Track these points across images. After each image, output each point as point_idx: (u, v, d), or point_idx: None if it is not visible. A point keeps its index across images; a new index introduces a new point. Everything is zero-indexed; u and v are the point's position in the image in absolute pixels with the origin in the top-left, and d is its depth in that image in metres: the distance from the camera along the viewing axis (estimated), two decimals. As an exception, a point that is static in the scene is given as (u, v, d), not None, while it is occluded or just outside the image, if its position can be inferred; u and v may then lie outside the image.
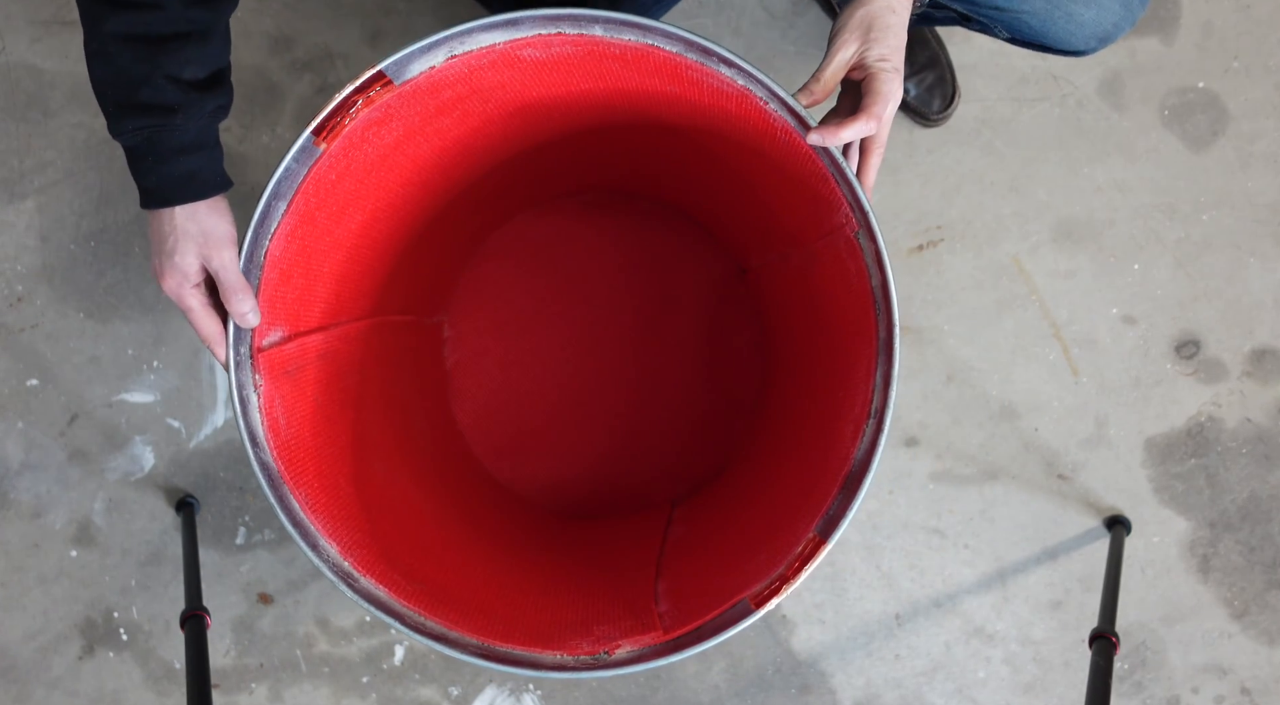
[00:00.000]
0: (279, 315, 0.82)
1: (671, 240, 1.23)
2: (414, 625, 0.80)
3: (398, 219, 0.96)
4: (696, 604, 0.83)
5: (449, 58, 0.77)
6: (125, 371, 1.25)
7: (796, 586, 0.80)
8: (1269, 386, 1.26)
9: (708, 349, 1.24)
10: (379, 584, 0.82)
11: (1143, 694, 1.28)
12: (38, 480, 1.26)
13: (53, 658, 1.27)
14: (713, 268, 1.23)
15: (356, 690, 1.27)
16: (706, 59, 0.76)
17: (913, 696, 1.28)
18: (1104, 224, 1.25)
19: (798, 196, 0.87)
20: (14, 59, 1.24)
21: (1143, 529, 1.26)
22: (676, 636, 0.81)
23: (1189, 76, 1.24)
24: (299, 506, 0.81)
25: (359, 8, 1.24)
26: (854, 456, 0.81)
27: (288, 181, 0.77)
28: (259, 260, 0.79)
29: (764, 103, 0.77)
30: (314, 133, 0.76)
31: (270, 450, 0.80)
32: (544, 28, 0.76)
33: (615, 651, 0.81)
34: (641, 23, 0.75)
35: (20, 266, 1.25)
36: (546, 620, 0.86)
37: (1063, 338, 1.26)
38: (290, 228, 0.79)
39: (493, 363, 1.23)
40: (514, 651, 0.81)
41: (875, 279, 0.79)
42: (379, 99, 0.76)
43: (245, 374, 0.80)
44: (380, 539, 0.86)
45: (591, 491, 1.24)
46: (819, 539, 0.80)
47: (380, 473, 0.95)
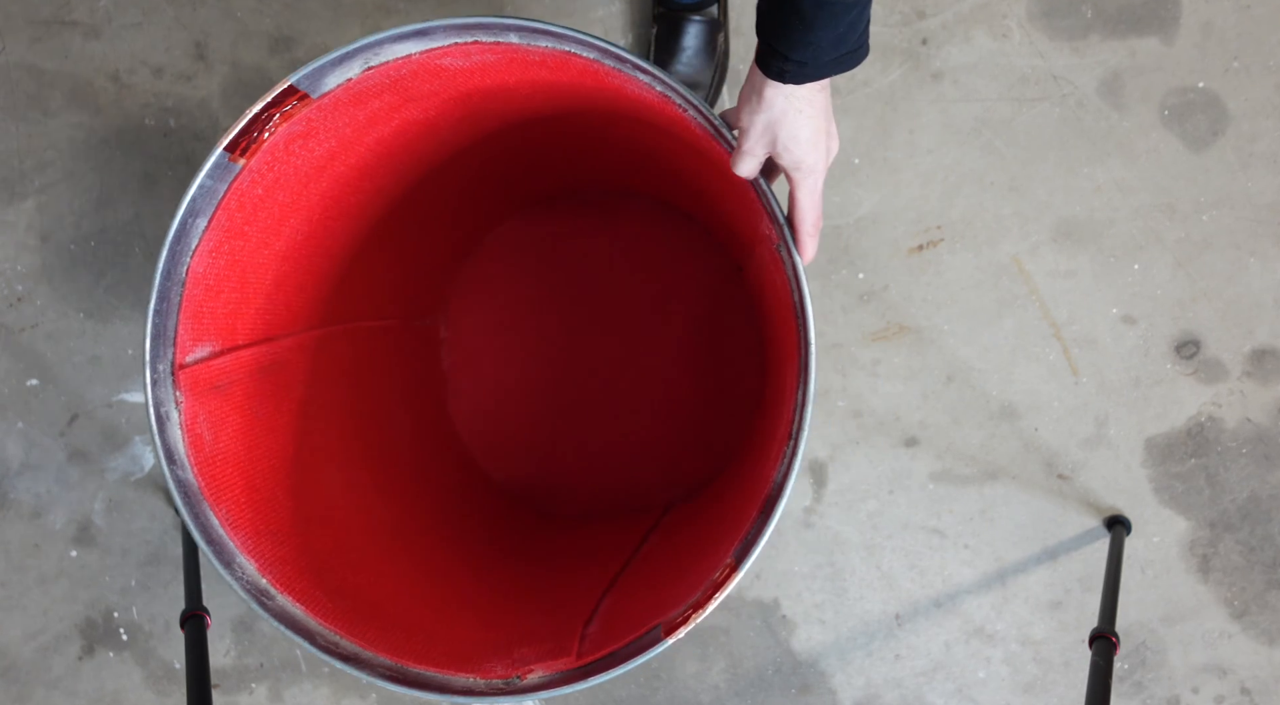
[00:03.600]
0: (207, 331, 0.81)
1: (669, 237, 1.23)
2: (325, 645, 0.79)
3: (349, 228, 0.95)
4: (619, 628, 0.82)
5: (365, 69, 0.76)
6: (125, 371, 1.25)
7: (706, 614, 0.76)
8: (1269, 386, 1.26)
9: (707, 348, 1.24)
10: (296, 602, 0.81)
11: (1143, 694, 1.28)
12: (38, 480, 1.26)
13: (53, 658, 1.27)
14: (710, 265, 1.23)
15: (356, 690, 1.27)
16: (622, 66, 0.74)
17: (913, 696, 1.28)
18: (1104, 224, 1.25)
19: (736, 202, 0.85)
20: (14, 59, 1.24)
21: (1143, 529, 1.26)
22: (588, 662, 0.79)
23: (1189, 76, 1.24)
24: (218, 523, 0.80)
25: (359, 8, 1.24)
26: (774, 479, 0.78)
27: (205, 198, 0.76)
28: (180, 277, 0.77)
29: (682, 110, 0.75)
30: (227, 149, 0.74)
31: (191, 467, 0.79)
32: (458, 36, 0.74)
33: (527, 676, 0.80)
34: (555, 30, 0.73)
35: (20, 266, 1.25)
36: (473, 640, 0.85)
37: (1063, 338, 1.26)
38: (214, 243, 0.78)
39: (487, 363, 1.23)
40: (425, 674, 0.80)
41: (796, 294, 0.76)
42: (298, 113, 0.75)
43: (164, 391, 0.78)
44: (312, 554, 0.85)
45: (587, 493, 1.24)
46: (733, 565, 0.76)
47: (332, 483, 0.94)
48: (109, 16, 1.24)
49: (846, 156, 1.25)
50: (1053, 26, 1.23)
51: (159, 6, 1.24)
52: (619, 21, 1.25)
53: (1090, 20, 1.23)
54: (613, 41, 0.73)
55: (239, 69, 1.24)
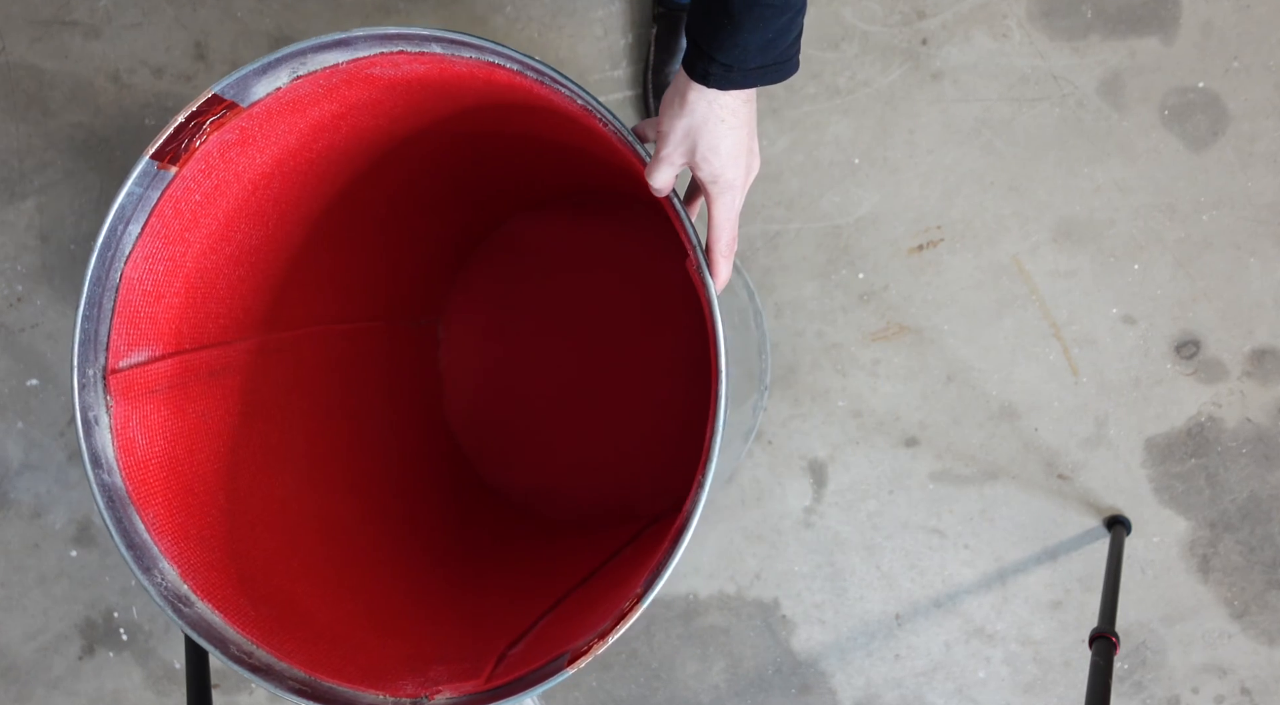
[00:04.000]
0: (144, 336, 0.81)
1: (666, 242, 1.23)
2: (237, 655, 0.78)
3: (314, 231, 0.94)
4: (535, 653, 0.81)
5: (294, 78, 0.75)
6: (125, 371, 1.25)
7: (607, 646, 0.75)
8: (1269, 386, 1.26)
9: (699, 360, 1.23)
10: (215, 609, 0.80)
11: (1143, 694, 1.28)
12: (38, 480, 1.26)
13: (53, 658, 1.27)
14: None
15: (356, 690, 1.27)
16: (542, 78, 0.74)
17: (913, 696, 1.28)
18: (1104, 224, 1.25)
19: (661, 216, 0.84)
20: (14, 59, 1.24)
21: (1143, 529, 1.26)
22: (494, 687, 0.78)
23: (1189, 76, 1.24)
24: (143, 527, 0.79)
25: (359, 8, 1.24)
26: (687, 509, 0.76)
27: (134, 205, 0.76)
28: (113, 283, 0.77)
29: (603, 124, 0.74)
30: (154, 157, 0.74)
31: (119, 471, 0.79)
32: (382, 46, 0.74)
33: (435, 697, 0.79)
34: (475, 42, 0.73)
35: (20, 266, 1.25)
36: (393, 655, 0.84)
37: (1063, 338, 1.26)
38: (150, 249, 0.78)
39: (484, 366, 1.23)
40: (335, 688, 0.79)
41: (710, 319, 0.75)
42: (229, 121, 0.75)
43: (92, 395, 0.78)
44: (241, 561, 0.84)
45: (575, 499, 1.23)
46: (638, 597, 0.75)
47: (279, 488, 0.93)
48: (109, 16, 1.24)
49: (847, 156, 1.25)
50: (1053, 26, 1.23)
51: (159, 6, 1.24)
52: (619, 21, 1.25)
53: (1090, 20, 1.23)
54: (531, 55, 0.73)
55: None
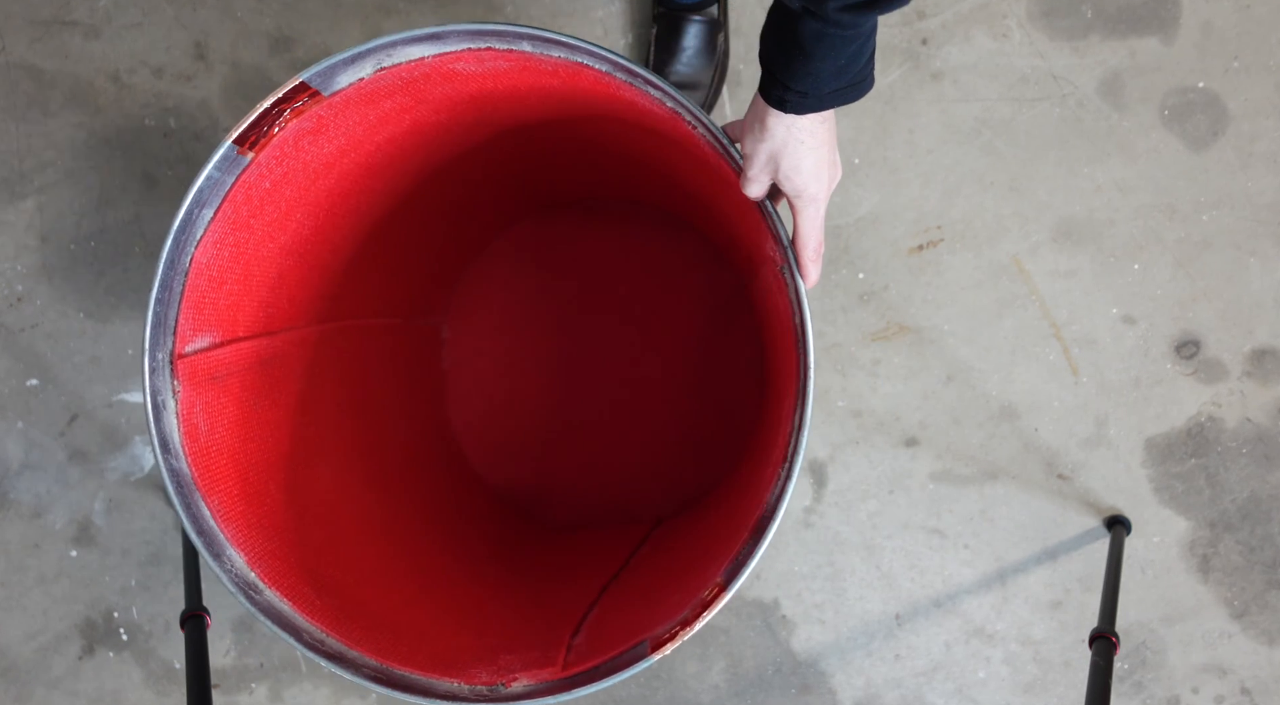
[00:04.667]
0: (207, 322, 0.81)
1: (676, 249, 1.23)
2: (311, 642, 0.79)
3: (358, 225, 0.95)
4: (606, 641, 0.81)
5: (378, 69, 0.76)
6: (125, 371, 1.25)
7: (692, 633, 0.76)
8: (1269, 386, 1.26)
9: (708, 362, 1.23)
10: (284, 597, 0.80)
11: (1143, 694, 1.28)
12: (38, 480, 1.26)
13: (53, 658, 1.27)
14: (715, 279, 1.23)
15: (356, 690, 1.27)
16: (633, 79, 0.74)
17: (913, 696, 1.28)
18: (1104, 224, 1.25)
19: (741, 221, 0.85)
20: (14, 59, 1.24)
21: (1143, 529, 1.26)
22: (572, 675, 0.79)
23: (1189, 76, 1.24)
24: (209, 514, 0.80)
25: (359, 8, 1.24)
26: (767, 502, 0.78)
27: (212, 189, 0.76)
28: (183, 267, 0.78)
29: (691, 126, 0.75)
30: (236, 142, 0.75)
31: (185, 457, 0.79)
32: (471, 42, 0.74)
33: (511, 685, 0.79)
34: (568, 41, 0.73)
35: (20, 266, 1.25)
36: (460, 645, 0.85)
37: (1063, 338, 1.26)
38: (219, 234, 0.78)
39: (488, 366, 1.23)
40: (409, 676, 0.79)
41: (797, 316, 0.76)
42: (308, 109, 0.76)
43: (161, 380, 0.78)
44: (304, 549, 0.85)
45: (579, 501, 1.23)
46: (721, 586, 0.77)
47: (328, 480, 0.94)
48: (109, 16, 1.24)
49: (847, 157, 1.25)
50: (1053, 26, 1.23)
51: (159, 6, 1.24)
52: (619, 21, 1.25)
53: (1090, 20, 1.23)
54: (625, 55, 0.73)
55: (239, 69, 1.24)
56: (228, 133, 0.74)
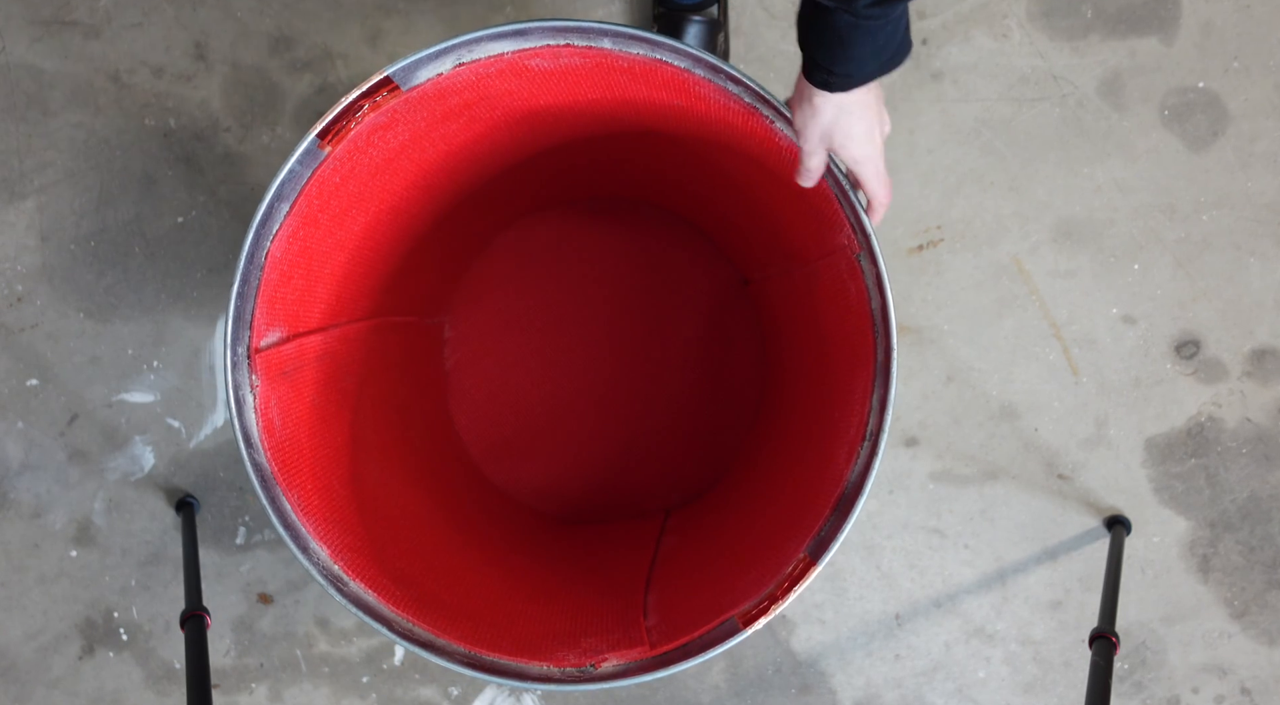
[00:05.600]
0: (278, 316, 0.82)
1: (676, 248, 1.23)
2: (402, 631, 0.80)
3: (402, 221, 0.96)
4: (685, 620, 0.83)
5: (457, 65, 0.77)
6: (125, 371, 1.25)
7: (785, 606, 0.79)
8: (1269, 386, 1.26)
9: (709, 359, 1.24)
10: (368, 588, 0.81)
11: (1143, 694, 1.28)
12: (38, 480, 1.26)
13: (53, 658, 1.27)
14: (716, 277, 1.23)
15: (356, 690, 1.27)
16: (714, 76, 0.76)
17: (913, 696, 1.28)
18: (1104, 224, 1.25)
19: (801, 213, 0.87)
20: (14, 59, 1.24)
21: (1143, 529, 1.26)
22: (664, 651, 0.80)
23: (1189, 76, 1.24)
24: (291, 508, 0.81)
25: (359, 8, 1.24)
26: (847, 478, 0.81)
27: (291, 183, 0.77)
28: (259, 261, 0.79)
29: (770, 122, 0.77)
30: (319, 136, 0.76)
31: (264, 451, 0.80)
32: (552, 39, 0.76)
33: (602, 665, 0.81)
34: (650, 38, 0.75)
35: (20, 266, 1.25)
36: (535, 631, 0.86)
37: (1063, 338, 1.26)
38: (293, 229, 0.79)
39: (493, 364, 1.23)
40: (500, 661, 0.80)
41: (875, 302, 0.79)
42: (385, 104, 0.77)
43: (242, 374, 0.79)
44: (372, 542, 0.86)
45: (586, 497, 1.24)
46: (809, 560, 0.80)
47: (374, 474, 0.95)
48: (109, 16, 1.24)
49: (846, 156, 1.25)
50: (1053, 26, 1.23)
51: (159, 6, 1.24)
52: (619, 21, 1.25)
53: (1090, 20, 1.23)
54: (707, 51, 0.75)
55: (239, 69, 1.24)
56: (311, 126, 0.75)
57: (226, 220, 1.25)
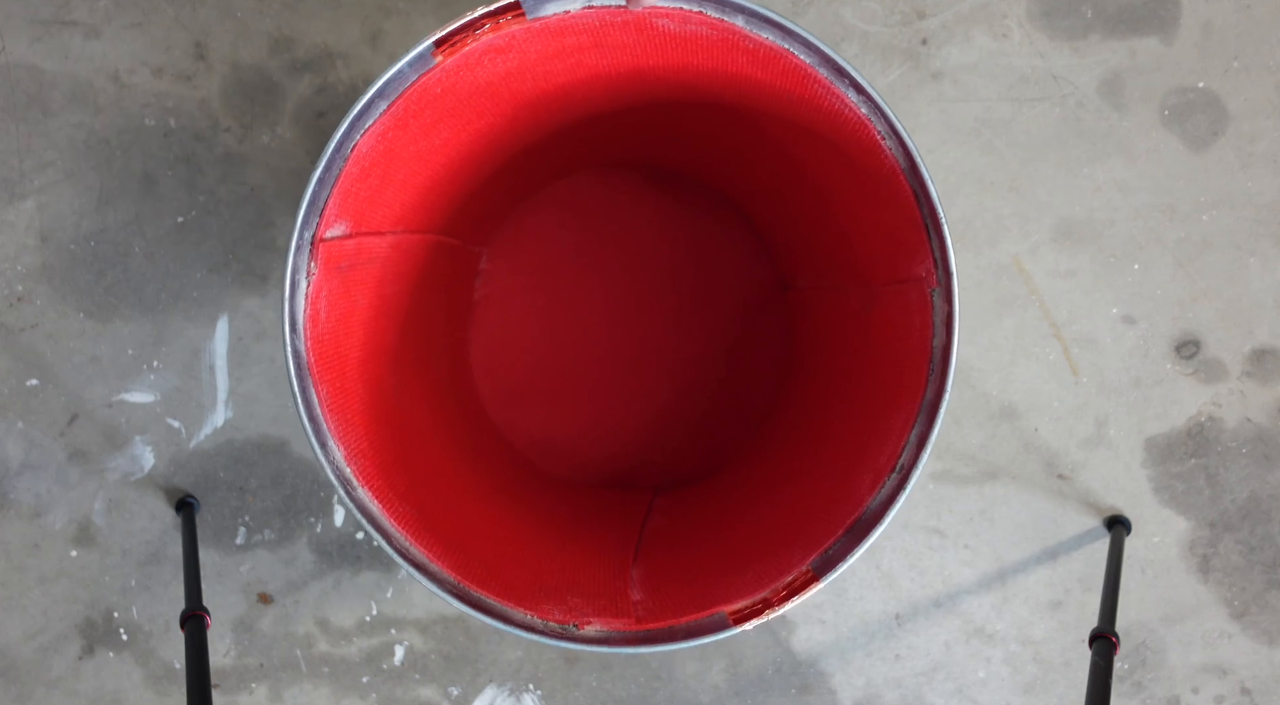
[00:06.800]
0: (348, 210, 0.82)
1: (725, 237, 1.23)
2: (399, 548, 0.80)
3: (480, 146, 0.96)
4: (672, 603, 0.83)
5: (585, 7, 0.77)
6: (125, 371, 1.25)
7: (778, 614, 0.79)
8: (1269, 386, 1.26)
9: (730, 352, 1.24)
10: (374, 498, 0.82)
11: (1143, 694, 1.28)
12: (38, 480, 1.26)
13: (53, 658, 1.27)
14: (757, 275, 1.23)
15: (356, 690, 1.27)
16: (837, 78, 0.76)
17: (913, 696, 1.28)
18: (1104, 224, 1.25)
19: (880, 235, 0.86)
20: (14, 59, 1.24)
21: (1143, 529, 1.27)
22: (648, 629, 0.80)
23: (1189, 76, 1.24)
24: (317, 401, 0.81)
25: (359, 8, 1.24)
26: (867, 504, 0.81)
27: (396, 83, 0.77)
28: (345, 152, 0.79)
29: (880, 137, 0.77)
30: (435, 43, 0.76)
31: (305, 340, 0.80)
32: (688, 2, 0.76)
33: (584, 627, 0.81)
34: (786, 25, 0.75)
35: (20, 266, 1.25)
36: (524, 578, 0.86)
37: (1063, 338, 1.26)
38: (384, 128, 0.80)
39: (520, 305, 1.23)
40: (486, 600, 0.80)
41: (939, 339, 0.79)
42: (506, 28, 0.76)
43: (302, 258, 0.80)
44: (380, 451, 0.86)
45: (581, 459, 1.24)
46: (812, 575, 0.80)
47: (394, 386, 0.95)
48: (109, 16, 1.24)
49: (846, 156, 1.25)
50: (1053, 26, 1.24)
51: (159, 6, 1.24)
52: (619, 21, 1.25)
53: (1090, 20, 1.23)
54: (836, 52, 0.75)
55: (239, 69, 1.24)
56: (430, 33, 0.76)
57: (226, 220, 1.25)
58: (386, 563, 1.27)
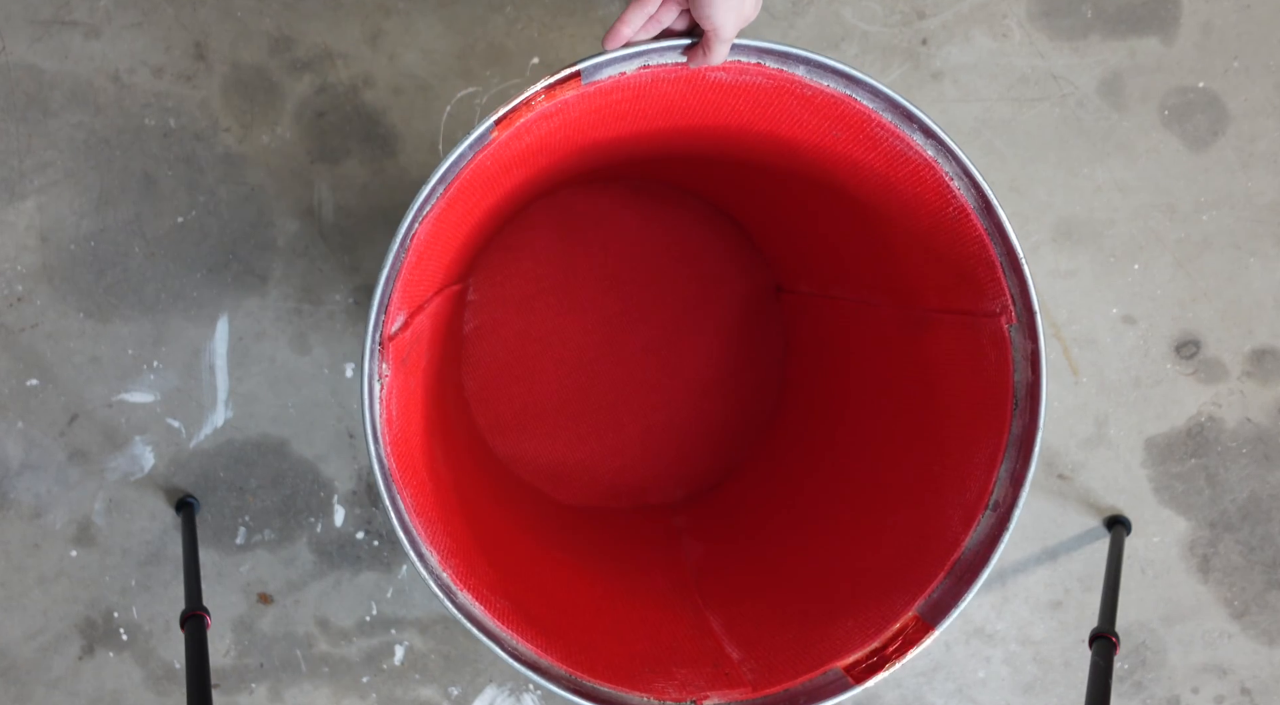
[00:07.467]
0: (405, 299, 0.78)
1: (716, 244, 1.22)
2: (512, 651, 0.75)
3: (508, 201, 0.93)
4: (777, 661, 0.79)
5: (641, 68, 0.75)
6: (125, 371, 1.25)
7: (897, 667, 0.75)
8: (1269, 386, 1.26)
9: (727, 356, 1.23)
10: (475, 600, 0.76)
11: (1143, 694, 1.28)
12: (38, 480, 1.26)
13: (53, 658, 1.27)
14: (750, 280, 1.22)
15: (356, 690, 1.27)
16: (904, 123, 0.75)
17: (913, 696, 1.28)
18: (1104, 224, 1.25)
19: (936, 266, 0.85)
20: (14, 59, 1.24)
21: (1143, 529, 1.26)
22: (767, 695, 0.77)
23: (1189, 76, 1.24)
24: (405, 510, 0.75)
25: (359, 8, 1.24)
26: (965, 544, 0.79)
27: (455, 166, 0.75)
28: (406, 244, 0.75)
29: (949, 179, 0.76)
30: (496, 122, 0.73)
31: (385, 446, 0.75)
32: (747, 56, 0.75)
33: (703, 703, 0.77)
34: (851, 73, 0.74)
35: (20, 266, 1.25)
36: (624, 652, 0.81)
37: (1063, 338, 1.26)
38: (439, 211, 0.77)
39: (510, 333, 1.21)
40: (600, 688, 0.76)
41: (1022, 375, 0.78)
42: (560, 95, 0.74)
43: (374, 362, 0.75)
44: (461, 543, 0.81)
45: (590, 482, 1.23)
46: (925, 625, 0.77)
47: (442, 462, 0.91)
48: (109, 16, 1.24)
49: (846, 156, 1.25)
50: (1053, 26, 1.23)
51: (159, 6, 1.24)
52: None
53: (1090, 20, 1.23)
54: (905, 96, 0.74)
55: (239, 69, 1.24)
56: (492, 112, 0.72)
57: (226, 220, 1.25)
58: (386, 563, 1.27)
